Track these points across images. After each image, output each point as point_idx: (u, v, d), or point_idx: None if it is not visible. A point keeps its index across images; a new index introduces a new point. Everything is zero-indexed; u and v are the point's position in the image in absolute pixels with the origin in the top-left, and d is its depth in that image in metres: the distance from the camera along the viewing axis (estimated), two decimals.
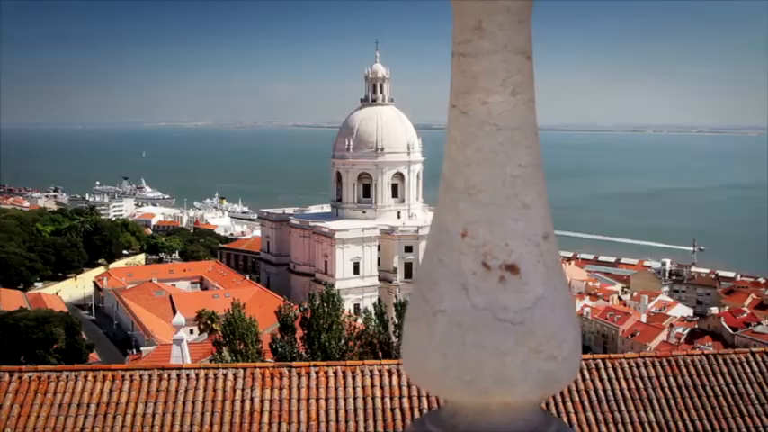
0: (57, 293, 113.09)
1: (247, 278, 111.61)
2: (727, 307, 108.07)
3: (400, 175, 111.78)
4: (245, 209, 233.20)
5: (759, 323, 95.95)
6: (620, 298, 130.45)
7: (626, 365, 17.63)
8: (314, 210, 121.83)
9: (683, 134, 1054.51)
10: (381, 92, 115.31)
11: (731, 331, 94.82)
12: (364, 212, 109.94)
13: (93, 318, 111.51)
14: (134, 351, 77.76)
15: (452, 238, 1.77)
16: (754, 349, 19.44)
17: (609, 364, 17.60)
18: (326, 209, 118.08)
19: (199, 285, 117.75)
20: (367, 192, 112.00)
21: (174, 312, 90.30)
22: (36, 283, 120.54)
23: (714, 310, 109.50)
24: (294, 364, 18.46)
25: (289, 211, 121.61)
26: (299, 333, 45.64)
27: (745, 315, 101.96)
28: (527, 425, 1.79)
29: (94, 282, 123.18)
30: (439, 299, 1.75)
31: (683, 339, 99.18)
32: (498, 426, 1.78)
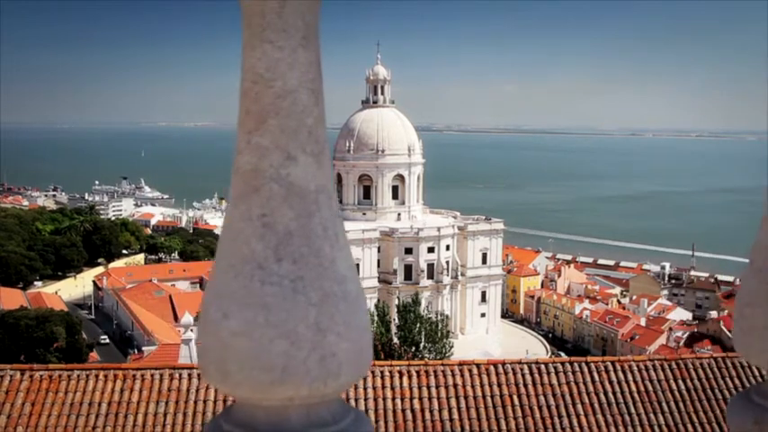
0: (56, 293, 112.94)
1: None
2: (726, 311, 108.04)
3: (401, 177, 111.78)
4: None
5: None
6: (619, 301, 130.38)
7: (635, 368, 17.68)
8: None
9: (682, 138, 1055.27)
10: (382, 93, 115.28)
11: (730, 335, 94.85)
12: (364, 214, 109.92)
13: (93, 317, 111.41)
14: (135, 351, 77.68)
15: None
16: None
17: (618, 367, 17.65)
18: None
19: (198, 285, 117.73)
20: (367, 193, 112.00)
21: (174, 312, 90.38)
22: (36, 282, 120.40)
23: (713, 314, 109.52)
24: None
25: None
26: None
27: None
28: None
29: (94, 281, 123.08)
30: None
31: (681, 343, 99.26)
32: None
